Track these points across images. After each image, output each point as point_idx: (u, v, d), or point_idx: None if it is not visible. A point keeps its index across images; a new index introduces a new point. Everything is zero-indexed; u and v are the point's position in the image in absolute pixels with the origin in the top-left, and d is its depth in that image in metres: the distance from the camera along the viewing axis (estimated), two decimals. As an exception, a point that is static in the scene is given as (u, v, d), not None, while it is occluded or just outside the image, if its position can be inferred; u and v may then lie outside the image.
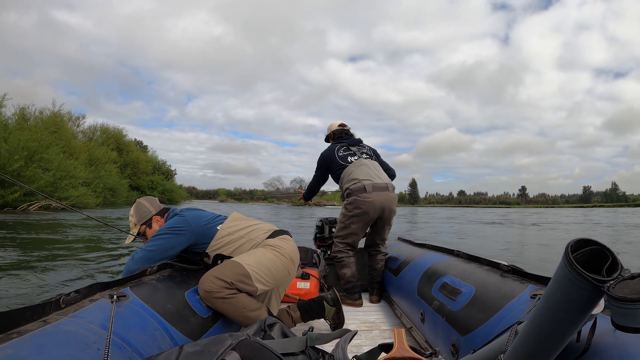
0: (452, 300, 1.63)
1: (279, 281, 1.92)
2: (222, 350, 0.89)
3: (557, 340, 0.73)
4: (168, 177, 61.03)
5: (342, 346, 1.30)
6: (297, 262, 2.02)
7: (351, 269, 2.88)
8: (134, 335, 1.12)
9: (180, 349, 0.93)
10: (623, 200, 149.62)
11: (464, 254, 2.03)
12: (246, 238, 1.93)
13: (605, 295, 0.63)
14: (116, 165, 40.48)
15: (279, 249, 1.90)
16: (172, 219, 1.93)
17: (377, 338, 2.14)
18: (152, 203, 2.05)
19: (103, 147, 40.64)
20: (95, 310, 1.12)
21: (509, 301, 1.30)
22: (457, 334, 1.47)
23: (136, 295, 1.31)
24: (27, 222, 12.00)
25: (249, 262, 1.78)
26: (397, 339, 1.32)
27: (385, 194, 2.85)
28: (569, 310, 0.70)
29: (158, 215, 2.01)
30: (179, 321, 1.38)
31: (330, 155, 3.08)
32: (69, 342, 0.91)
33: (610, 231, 15.45)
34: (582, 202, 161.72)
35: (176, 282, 1.63)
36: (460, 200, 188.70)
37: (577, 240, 0.68)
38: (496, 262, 1.68)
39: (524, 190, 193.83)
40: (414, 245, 2.90)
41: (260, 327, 1.35)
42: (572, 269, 0.66)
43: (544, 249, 9.66)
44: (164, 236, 1.82)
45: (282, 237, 2.00)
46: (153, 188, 50.67)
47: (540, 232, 15.05)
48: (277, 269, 1.86)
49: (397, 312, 2.52)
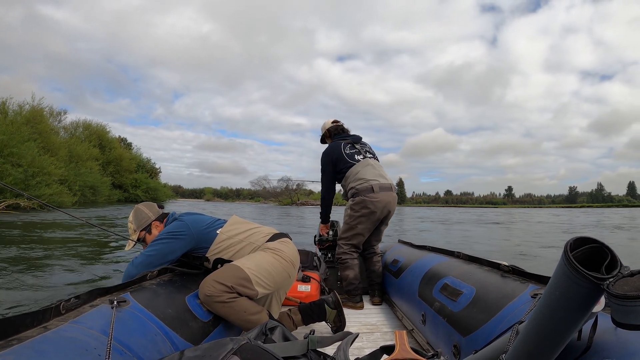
0: (453, 301, 1.63)
1: (280, 284, 1.91)
2: (223, 354, 0.89)
3: (558, 339, 0.73)
4: (152, 175, 58.26)
5: (344, 349, 1.30)
6: (297, 265, 2.01)
7: (354, 270, 2.86)
8: (134, 340, 1.11)
9: (181, 354, 0.93)
10: (609, 201, 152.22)
11: (464, 255, 2.03)
12: (246, 242, 1.93)
13: (605, 293, 0.63)
14: (98, 163, 39.14)
15: (279, 252, 1.89)
16: (172, 223, 1.92)
17: (378, 340, 2.14)
18: (151, 209, 2.04)
19: (85, 144, 38.92)
20: (96, 315, 1.11)
21: (509, 301, 1.30)
22: (459, 334, 1.47)
23: (136, 300, 1.31)
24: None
25: (249, 265, 1.78)
26: (398, 340, 1.31)
27: (389, 194, 2.86)
28: (569, 309, 0.69)
29: (157, 220, 2.00)
30: (179, 326, 1.38)
31: (336, 153, 3.00)
32: (70, 348, 0.91)
33: (620, 231, 15.42)
34: (568, 203, 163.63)
35: (176, 287, 1.63)
36: (447, 200, 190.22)
37: (576, 238, 0.69)
38: (496, 262, 1.68)
39: (510, 190, 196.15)
40: (414, 248, 2.90)
41: (262, 331, 1.35)
42: (571, 268, 0.66)
43: (545, 249, 9.65)
44: (164, 241, 1.82)
45: (282, 240, 2.00)
46: (136, 186, 48.91)
47: (542, 232, 15.04)
48: (277, 272, 1.85)
49: (398, 314, 2.51)
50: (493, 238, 12.62)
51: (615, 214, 40.35)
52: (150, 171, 58.55)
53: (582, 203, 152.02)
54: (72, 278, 4.98)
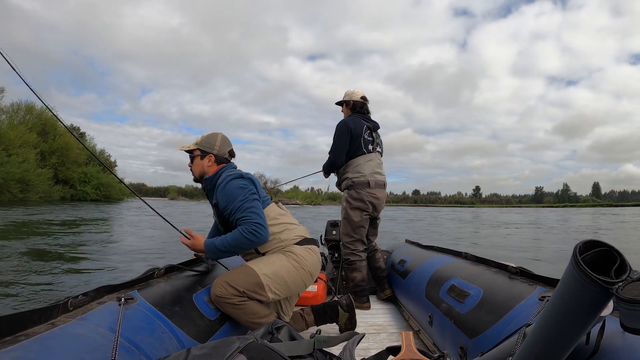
0: (460, 303, 1.62)
1: (293, 292, 1.90)
2: (229, 353, 0.89)
3: (565, 342, 0.72)
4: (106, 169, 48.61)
5: (350, 349, 1.30)
6: (315, 275, 1.97)
7: (362, 272, 2.83)
8: (141, 338, 1.12)
9: (187, 352, 0.93)
10: (574, 201, 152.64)
11: (471, 256, 2.02)
12: (276, 237, 1.88)
13: (614, 297, 0.62)
14: (36, 151, 33.55)
15: (301, 261, 1.85)
16: (241, 180, 1.84)
17: (384, 341, 2.13)
18: (222, 146, 1.99)
19: (20, 127, 33.28)
20: (103, 313, 1.12)
21: (517, 303, 1.28)
22: (465, 336, 1.46)
23: (144, 298, 1.32)
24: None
25: (266, 272, 1.76)
26: (404, 341, 1.31)
27: (383, 191, 2.91)
28: (577, 313, 0.69)
29: (215, 157, 1.96)
30: (186, 324, 1.39)
31: (358, 130, 2.83)
32: (77, 345, 0.92)
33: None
34: (534, 203, 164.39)
35: (184, 285, 1.64)
36: (416, 200, 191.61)
37: (586, 241, 0.68)
38: (504, 264, 1.67)
39: (477, 190, 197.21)
40: (422, 248, 2.89)
41: (268, 330, 1.35)
42: (580, 271, 0.65)
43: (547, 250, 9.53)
44: (251, 195, 1.79)
45: (309, 247, 1.95)
46: (86, 182, 42.35)
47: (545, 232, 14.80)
48: (293, 280, 1.83)
49: (405, 315, 2.51)
50: (538, 244, 11.63)
51: (602, 213, 39.70)
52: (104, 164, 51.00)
53: (549, 203, 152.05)
54: (79, 276, 5.02)
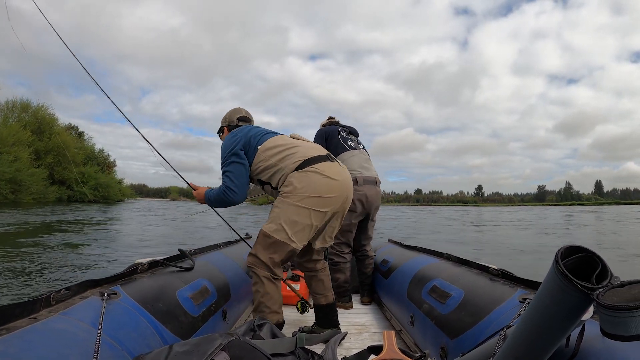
0: (442, 304, 1.64)
1: (314, 224, 1.77)
2: (211, 350, 0.89)
3: (545, 345, 0.75)
4: (105, 169, 49.32)
5: (332, 347, 1.31)
6: (333, 193, 1.78)
7: (345, 274, 2.80)
8: (124, 333, 1.11)
9: (169, 348, 0.93)
10: (577, 199, 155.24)
11: (453, 257, 2.05)
12: (277, 166, 1.83)
13: (594, 302, 0.63)
14: (30, 150, 32.80)
15: (298, 194, 1.73)
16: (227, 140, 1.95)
17: (366, 340, 2.14)
18: (231, 115, 2.15)
19: (14, 125, 32.39)
20: (86, 307, 1.11)
21: (498, 305, 1.31)
22: (447, 337, 1.48)
23: (127, 293, 1.30)
24: None
25: (272, 228, 1.75)
26: (386, 341, 1.33)
27: (374, 188, 2.80)
28: (558, 317, 0.71)
29: (227, 128, 2.12)
30: (169, 320, 1.37)
31: (333, 132, 2.89)
32: (59, 340, 0.90)
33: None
34: (536, 201, 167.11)
35: (167, 281, 1.62)
36: (418, 199, 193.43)
37: (568, 247, 0.69)
38: (486, 265, 1.70)
39: (480, 189, 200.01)
40: (404, 248, 2.91)
41: (250, 327, 1.36)
42: (561, 276, 0.66)
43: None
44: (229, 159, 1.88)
45: (307, 169, 1.77)
46: (84, 182, 40.49)
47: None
48: (306, 215, 1.74)
49: (387, 315, 2.53)
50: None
51: (610, 212, 39.20)
52: (102, 164, 49.78)
53: (550, 202, 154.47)
54: (62, 270, 4.92)
